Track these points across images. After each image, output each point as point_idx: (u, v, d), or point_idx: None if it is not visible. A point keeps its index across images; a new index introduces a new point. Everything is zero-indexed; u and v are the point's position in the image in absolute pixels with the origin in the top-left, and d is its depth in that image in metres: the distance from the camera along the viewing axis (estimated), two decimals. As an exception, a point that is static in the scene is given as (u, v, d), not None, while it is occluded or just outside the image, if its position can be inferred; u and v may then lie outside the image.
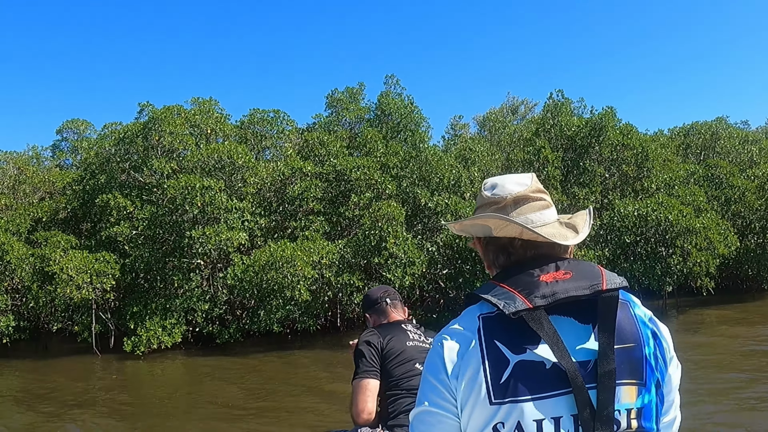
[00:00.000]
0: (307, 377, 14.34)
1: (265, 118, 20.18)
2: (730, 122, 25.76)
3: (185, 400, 12.90)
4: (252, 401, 12.22)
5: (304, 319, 17.98)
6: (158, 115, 18.19)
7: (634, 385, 1.40)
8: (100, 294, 17.37)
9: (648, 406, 1.41)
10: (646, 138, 20.73)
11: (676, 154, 23.39)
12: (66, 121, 25.25)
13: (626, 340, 1.42)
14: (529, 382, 1.36)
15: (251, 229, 18.62)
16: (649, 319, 1.52)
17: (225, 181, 18.67)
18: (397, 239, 16.72)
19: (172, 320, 17.55)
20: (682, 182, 20.02)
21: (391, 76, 24.84)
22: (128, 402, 12.77)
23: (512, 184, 1.59)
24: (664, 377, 1.47)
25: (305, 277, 16.31)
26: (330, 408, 11.15)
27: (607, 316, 1.40)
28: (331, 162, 19.51)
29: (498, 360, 1.38)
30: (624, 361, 1.39)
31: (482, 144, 21.61)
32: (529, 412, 1.35)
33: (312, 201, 18.77)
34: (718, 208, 19.94)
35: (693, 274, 18.09)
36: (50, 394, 13.52)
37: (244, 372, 15.25)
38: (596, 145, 19.20)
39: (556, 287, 1.41)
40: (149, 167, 17.77)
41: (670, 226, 17.82)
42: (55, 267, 16.70)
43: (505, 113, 35.39)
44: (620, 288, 1.45)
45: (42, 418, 11.37)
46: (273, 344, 18.24)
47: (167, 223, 17.87)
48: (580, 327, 1.42)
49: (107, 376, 15.93)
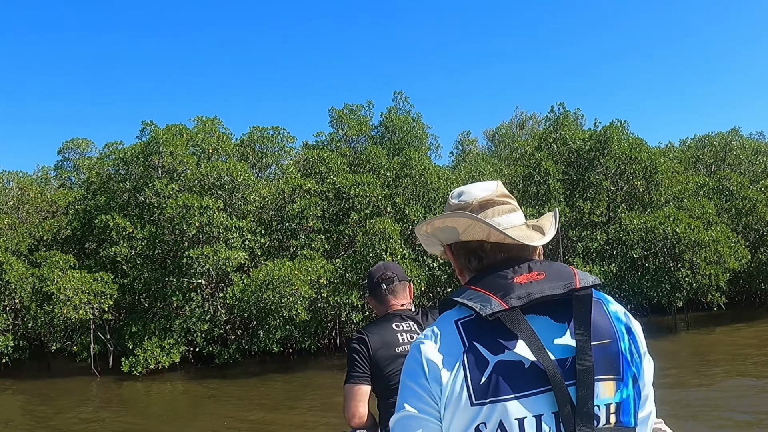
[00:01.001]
0: (303, 397, 14.06)
1: (265, 136, 20.06)
2: (743, 133, 25.13)
3: (178, 424, 12.67)
4: (241, 423, 11.96)
5: (303, 339, 17.73)
6: (160, 136, 18.15)
7: (612, 381, 1.40)
8: (99, 314, 17.27)
9: (626, 401, 1.41)
10: (654, 151, 20.25)
11: (687, 167, 22.87)
12: (66, 141, 25.39)
13: (602, 336, 1.43)
14: (510, 381, 1.37)
15: (252, 248, 18.46)
16: (624, 313, 1.52)
17: (225, 199, 18.56)
18: (393, 256, 16.43)
19: (171, 340, 17.39)
20: (692, 195, 19.54)
21: (400, 92, 24.81)
22: (120, 426, 12.57)
23: (478, 190, 1.63)
24: (640, 372, 1.47)
25: (302, 296, 16.08)
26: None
27: (582, 314, 1.42)
28: (331, 179, 19.32)
29: (477, 361, 1.39)
30: (601, 357, 1.40)
31: (490, 163, 21.26)
32: (510, 411, 1.36)
33: (312, 219, 18.57)
34: (728, 221, 19.39)
35: (702, 288, 17.55)
36: (42, 417, 13.36)
37: (241, 392, 15.02)
38: (601, 158, 18.78)
39: (531, 288, 1.42)
40: (150, 188, 17.68)
41: (678, 240, 17.34)
42: (53, 287, 16.64)
43: (514, 128, 35.14)
44: (593, 286, 1.46)
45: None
46: (272, 364, 18.00)
47: (166, 243, 17.77)
48: (555, 325, 1.43)
49: (97, 397, 15.76)
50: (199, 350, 18.20)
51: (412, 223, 18.98)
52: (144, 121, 18.47)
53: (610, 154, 18.63)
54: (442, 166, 24.06)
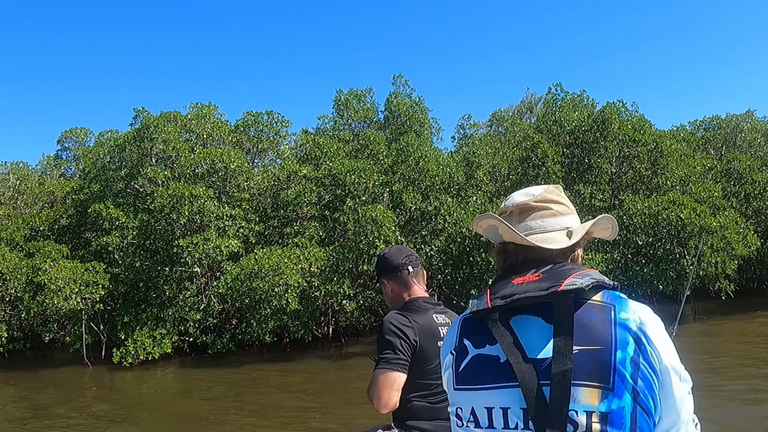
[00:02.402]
0: (294, 388, 13.78)
1: (259, 121, 19.68)
2: (757, 116, 24.14)
3: (164, 414, 12.48)
4: (222, 413, 11.69)
5: (297, 328, 17.43)
6: (152, 122, 17.87)
7: (596, 388, 1.37)
8: (90, 304, 17.13)
9: (618, 413, 1.36)
10: (660, 133, 19.49)
11: (696, 150, 22.05)
12: (65, 130, 25.28)
13: (592, 342, 1.40)
14: (483, 373, 1.46)
15: (246, 236, 18.17)
16: (638, 325, 1.44)
17: (219, 187, 18.27)
18: (388, 244, 16.00)
19: (163, 330, 17.21)
20: (699, 178, 18.80)
21: (399, 76, 24.22)
22: (106, 415, 12.39)
23: (519, 196, 1.67)
24: (650, 387, 1.40)
25: (292, 285, 15.76)
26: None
27: (562, 316, 1.43)
28: (327, 165, 18.93)
29: (461, 352, 1.53)
30: (586, 363, 1.38)
31: (490, 145, 20.67)
32: (480, 399, 1.46)
33: (306, 206, 18.22)
34: (737, 206, 18.62)
35: (709, 276, 16.87)
36: (28, 410, 13.24)
37: (231, 382, 14.80)
38: (602, 140, 18.09)
39: (517, 288, 1.47)
40: (143, 176, 17.45)
41: (683, 226, 16.68)
42: (44, 277, 16.51)
43: (523, 111, 34.40)
44: (578, 289, 1.43)
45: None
46: (265, 354, 17.74)
47: (158, 232, 17.55)
48: (545, 326, 1.45)
49: (86, 388, 15.64)
50: (193, 340, 18.01)
51: (408, 210, 18.55)
52: (136, 108, 18.17)
53: (611, 136, 17.93)
54: (444, 150, 23.59)
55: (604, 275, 1.51)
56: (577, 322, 1.41)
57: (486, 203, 18.21)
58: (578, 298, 1.45)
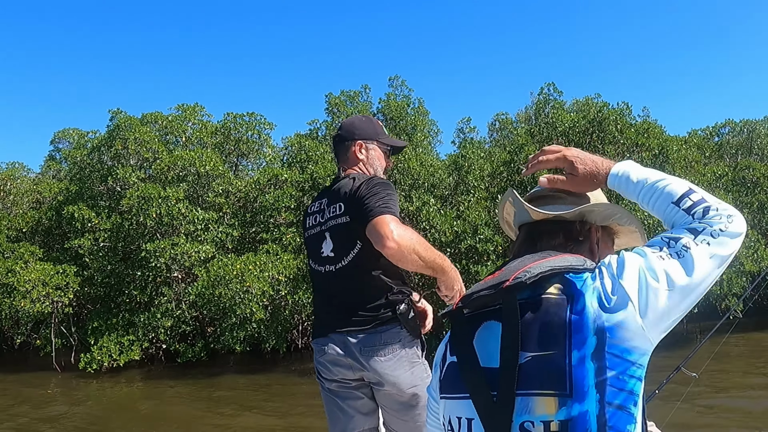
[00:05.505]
0: (260, 400, 13.05)
1: (240, 122, 19.01)
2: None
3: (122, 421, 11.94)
4: None
5: (270, 338, 16.65)
6: (124, 122, 17.42)
7: (552, 396, 1.23)
8: (60, 308, 16.73)
9: (580, 419, 1.21)
10: (667, 138, 18.02)
11: (709, 156, 20.42)
12: (57, 131, 25.25)
13: (544, 346, 1.26)
14: (452, 382, 1.39)
15: (222, 241, 17.51)
16: (595, 311, 1.23)
17: (195, 190, 17.68)
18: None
19: (132, 337, 16.67)
20: (708, 186, 17.28)
21: (396, 77, 23.20)
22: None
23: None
24: (624, 370, 1.22)
25: (256, 293, 14.98)
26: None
27: (506, 319, 1.30)
28: (309, 169, 18.13)
29: (443, 359, 1.45)
30: (538, 370, 1.25)
31: (482, 149, 19.57)
32: (452, 409, 1.38)
33: (285, 211, 17.44)
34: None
35: (713, 294, 15.40)
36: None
37: (195, 392, 14.20)
38: (598, 143, 16.78)
39: (477, 287, 1.38)
40: (113, 176, 16.99)
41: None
42: (12, 279, 16.18)
43: (530, 116, 33.10)
44: (520, 283, 1.28)
45: None
46: (234, 366, 17.05)
47: (129, 235, 17.04)
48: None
49: (52, 394, 15.19)
50: (166, 347, 17.45)
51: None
52: (111, 109, 17.73)
53: (608, 139, 16.60)
54: (442, 154, 22.58)
55: None
56: (527, 325, 1.27)
57: (476, 207, 17.15)
58: (535, 295, 1.30)
